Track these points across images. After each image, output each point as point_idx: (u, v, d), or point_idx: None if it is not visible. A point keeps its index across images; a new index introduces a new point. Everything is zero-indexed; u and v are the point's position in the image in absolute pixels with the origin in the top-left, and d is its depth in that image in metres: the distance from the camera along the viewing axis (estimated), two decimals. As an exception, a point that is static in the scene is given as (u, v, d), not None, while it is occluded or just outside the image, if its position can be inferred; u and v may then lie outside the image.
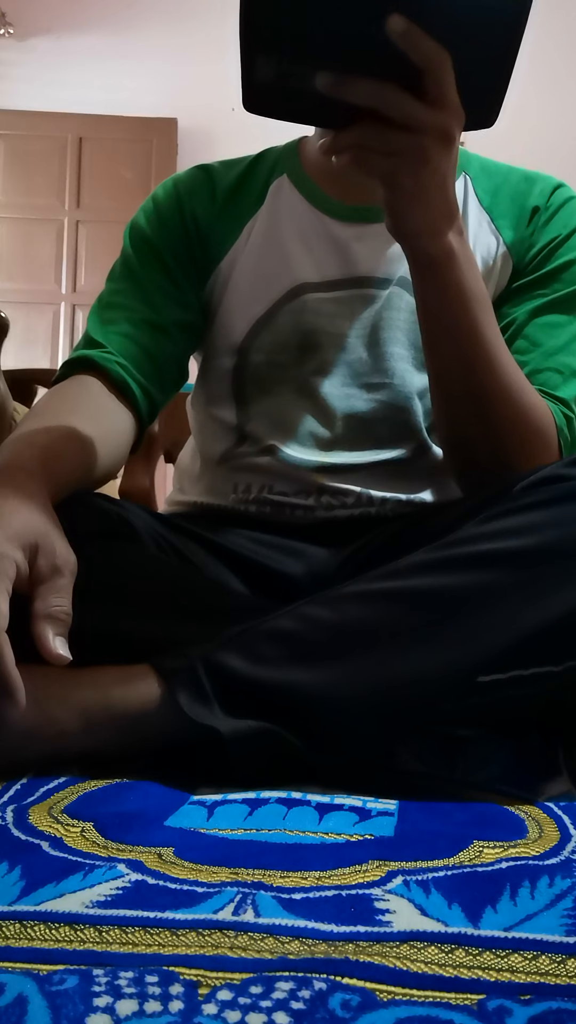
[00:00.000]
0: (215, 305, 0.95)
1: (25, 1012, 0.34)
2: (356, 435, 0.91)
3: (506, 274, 0.92)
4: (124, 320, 0.90)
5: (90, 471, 0.79)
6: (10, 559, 0.59)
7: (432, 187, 0.67)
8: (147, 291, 0.92)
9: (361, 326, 0.91)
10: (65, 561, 0.63)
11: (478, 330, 0.76)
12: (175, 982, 0.36)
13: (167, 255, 0.93)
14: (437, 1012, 0.34)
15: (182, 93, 4.26)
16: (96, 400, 0.86)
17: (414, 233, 0.71)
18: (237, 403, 0.95)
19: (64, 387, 0.87)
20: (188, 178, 0.97)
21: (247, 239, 0.94)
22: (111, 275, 0.96)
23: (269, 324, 0.92)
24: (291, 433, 0.92)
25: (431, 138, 0.64)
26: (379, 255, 0.90)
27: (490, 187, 0.94)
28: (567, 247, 0.90)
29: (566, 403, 0.85)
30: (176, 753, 0.62)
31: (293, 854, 0.50)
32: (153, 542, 0.82)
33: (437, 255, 0.72)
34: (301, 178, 0.94)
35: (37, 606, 0.60)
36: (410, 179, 0.66)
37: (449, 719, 0.65)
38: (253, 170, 0.96)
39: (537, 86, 4.03)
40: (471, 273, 0.75)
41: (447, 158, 0.66)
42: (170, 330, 0.92)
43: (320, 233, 0.92)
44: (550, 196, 0.92)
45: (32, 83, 4.35)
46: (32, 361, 3.98)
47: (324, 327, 0.91)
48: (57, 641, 0.60)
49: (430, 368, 0.81)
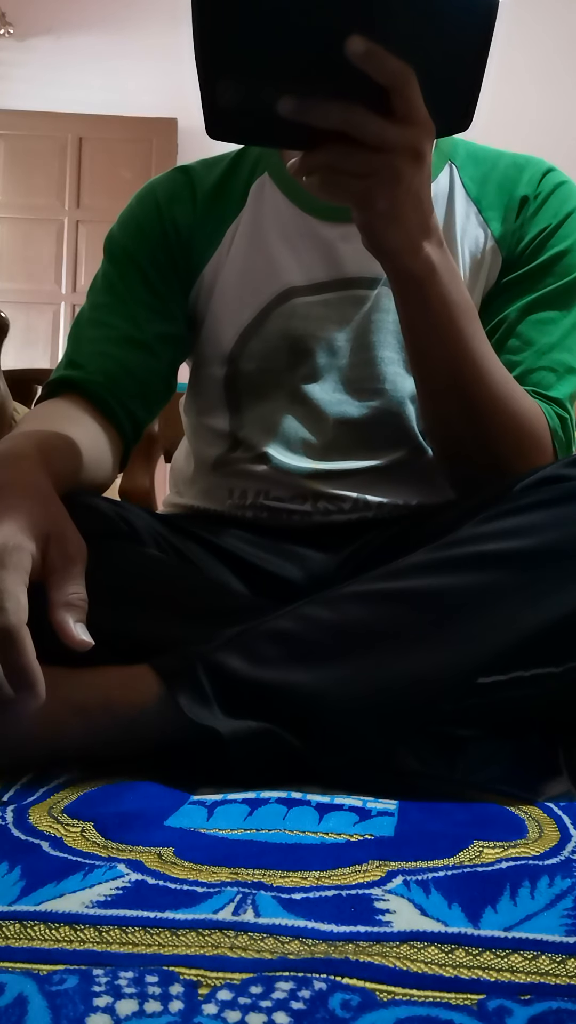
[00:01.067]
0: (201, 314, 0.93)
1: (25, 1012, 0.34)
2: (349, 441, 0.90)
3: (496, 268, 0.90)
4: (104, 339, 0.88)
5: (82, 470, 0.78)
6: (26, 551, 0.59)
7: (407, 204, 0.65)
8: (128, 305, 0.90)
9: (351, 330, 0.89)
10: (78, 549, 0.62)
11: (464, 342, 0.75)
12: (175, 982, 0.36)
13: (147, 266, 0.91)
14: (437, 1012, 0.34)
15: (182, 93, 4.22)
16: (79, 421, 0.84)
17: (393, 251, 0.70)
18: (230, 411, 0.94)
19: (47, 406, 0.86)
20: (167, 182, 0.95)
21: (230, 243, 0.92)
22: (92, 288, 0.94)
23: (258, 331, 0.90)
24: (284, 440, 0.91)
25: (402, 156, 0.62)
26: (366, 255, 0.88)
27: (477, 175, 0.91)
28: (558, 237, 0.88)
29: (560, 403, 0.84)
30: (176, 753, 0.62)
31: (293, 854, 0.50)
32: (153, 542, 0.82)
33: (417, 271, 0.70)
34: (283, 176, 0.91)
35: (55, 595, 0.59)
36: (384, 200, 0.64)
37: (449, 719, 0.65)
38: (234, 169, 0.94)
39: (537, 86, 4.04)
40: (453, 285, 0.73)
41: (419, 174, 0.64)
42: (153, 345, 0.90)
43: (305, 234, 0.90)
44: (539, 183, 0.90)
45: (32, 83, 4.35)
46: (32, 361, 3.98)
47: (313, 332, 0.89)
48: (78, 627, 0.59)
49: (417, 380, 0.80)
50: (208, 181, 0.93)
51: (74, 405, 0.85)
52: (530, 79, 3.96)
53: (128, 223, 0.94)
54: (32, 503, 0.62)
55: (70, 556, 0.61)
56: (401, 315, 0.76)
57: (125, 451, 0.90)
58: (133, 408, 0.88)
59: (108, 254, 0.94)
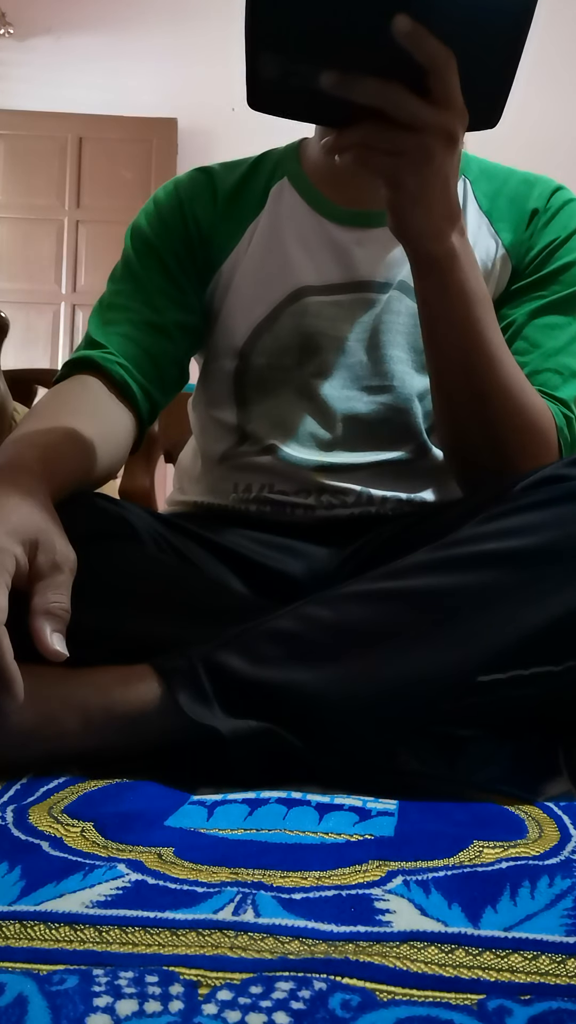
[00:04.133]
0: (216, 308, 0.95)
1: (25, 1012, 0.34)
2: (356, 436, 0.91)
3: (505, 276, 0.92)
4: (125, 321, 0.91)
5: (90, 471, 0.79)
6: (9, 554, 0.59)
7: (435, 187, 0.67)
8: (148, 292, 0.93)
9: (361, 329, 0.91)
10: (64, 558, 0.63)
11: (479, 330, 0.76)
12: (175, 982, 0.36)
13: (168, 257, 0.94)
14: (437, 1012, 0.34)
15: (182, 93, 4.26)
16: (97, 401, 0.86)
17: (417, 234, 0.71)
18: (238, 404, 0.95)
19: (65, 387, 0.87)
20: (189, 181, 0.97)
21: (248, 243, 0.94)
22: (112, 276, 0.96)
23: (270, 327, 0.92)
24: (291, 433, 0.92)
25: (435, 138, 0.64)
26: (379, 259, 0.91)
27: (489, 190, 0.94)
28: (566, 249, 0.91)
29: (566, 404, 0.85)
30: (176, 753, 0.62)
31: (293, 854, 0.50)
32: (153, 542, 0.82)
33: (439, 256, 0.72)
34: (302, 181, 0.94)
35: (36, 602, 0.60)
36: (413, 179, 0.66)
37: (449, 719, 0.65)
38: (254, 173, 0.97)
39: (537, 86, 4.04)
40: (473, 273, 0.75)
41: (450, 158, 0.66)
42: (171, 331, 0.92)
43: (321, 237, 0.92)
44: (549, 199, 0.92)
45: (32, 83, 4.35)
46: (32, 361, 3.98)
47: (325, 330, 0.91)
48: (54, 637, 0.60)
49: (431, 368, 0.82)
50: (228, 182, 0.96)
51: (92, 385, 0.87)
52: (531, 79, 3.96)
53: (152, 216, 0.96)
54: (22, 510, 0.63)
55: (56, 564, 0.62)
56: (420, 300, 0.78)
57: (140, 433, 0.91)
58: (150, 390, 0.90)
59: (131, 244, 0.96)
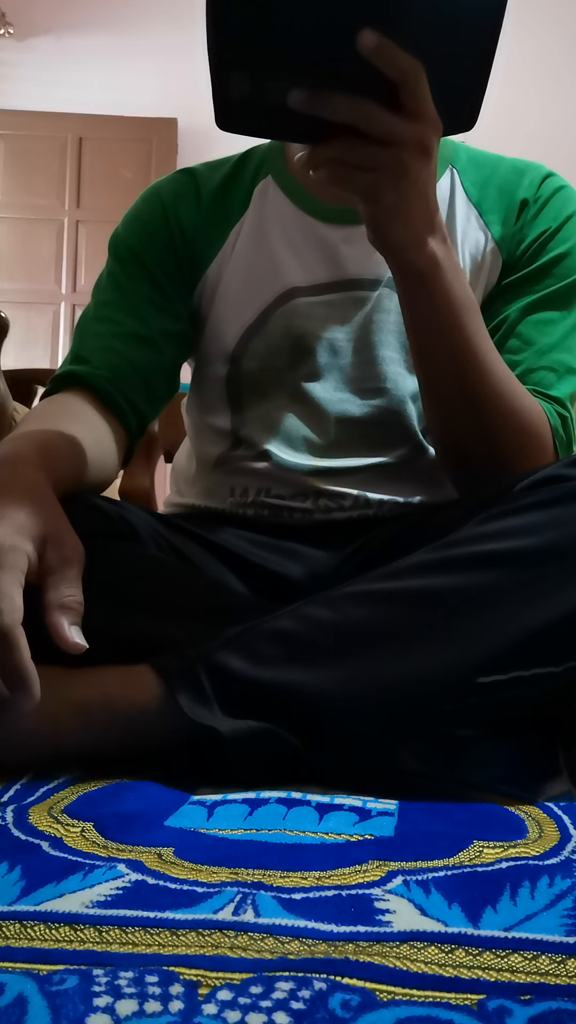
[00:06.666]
0: (204, 313, 0.94)
1: (25, 1012, 0.34)
2: (350, 439, 0.90)
3: (496, 270, 0.90)
4: (110, 334, 0.89)
5: (84, 472, 0.79)
6: (21, 552, 0.59)
7: (413, 199, 0.66)
8: (133, 302, 0.91)
9: (352, 330, 0.90)
10: (74, 551, 0.62)
11: (467, 337, 0.75)
12: (175, 982, 0.36)
13: (152, 264, 0.92)
14: (437, 1012, 0.34)
15: (182, 93, 4.25)
16: (85, 415, 0.84)
17: (398, 246, 0.70)
18: (231, 409, 0.94)
19: (54, 399, 0.86)
20: (172, 183, 0.96)
21: (234, 244, 0.93)
22: (96, 287, 0.95)
23: (260, 330, 0.91)
24: (285, 438, 0.91)
25: (409, 151, 0.63)
26: (367, 256, 0.89)
27: (478, 179, 0.92)
28: (558, 240, 0.89)
29: (560, 402, 0.84)
30: (176, 753, 0.62)
31: (293, 854, 0.50)
32: (153, 542, 0.82)
33: (422, 266, 0.71)
34: (286, 179, 0.93)
35: (50, 596, 0.60)
36: (391, 193, 0.65)
37: (449, 719, 0.65)
38: (238, 172, 0.95)
39: (537, 86, 4.04)
40: (457, 280, 0.74)
41: (426, 169, 0.65)
42: (158, 341, 0.90)
43: (308, 236, 0.91)
44: (539, 187, 0.90)
45: (32, 83, 4.35)
46: (32, 361, 3.98)
47: (315, 331, 0.90)
48: (73, 630, 0.59)
49: (420, 376, 0.81)
50: (212, 183, 0.94)
51: (79, 400, 0.86)
52: (531, 80, 3.96)
53: (134, 223, 0.95)
54: (30, 505, 0.62)
55: (66, 558, 0.61)
56: (405, 310, 0.77)
57: (129, 447, 0.90)
58: (138, 403, 0.88)
59: (113, 253, 0.95)
